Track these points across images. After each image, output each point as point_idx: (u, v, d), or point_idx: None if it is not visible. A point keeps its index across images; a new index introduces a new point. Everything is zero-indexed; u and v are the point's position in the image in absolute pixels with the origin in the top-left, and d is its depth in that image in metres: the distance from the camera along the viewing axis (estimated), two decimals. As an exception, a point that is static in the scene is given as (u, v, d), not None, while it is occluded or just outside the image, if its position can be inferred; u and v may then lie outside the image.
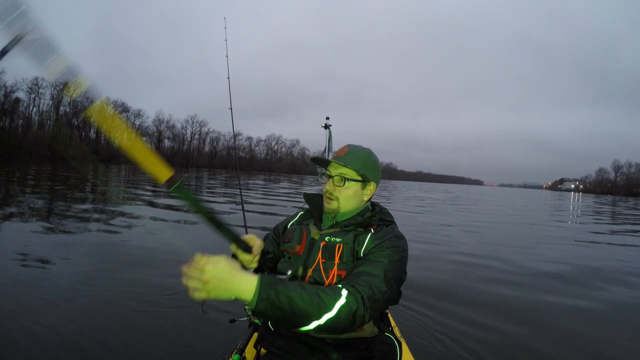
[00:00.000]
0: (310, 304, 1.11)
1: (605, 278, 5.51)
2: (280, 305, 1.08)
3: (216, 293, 1.05)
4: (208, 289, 1.04)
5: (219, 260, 1.07)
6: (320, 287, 1.18)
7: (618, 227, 14.46)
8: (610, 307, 4.18)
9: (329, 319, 1.12)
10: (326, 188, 1.50)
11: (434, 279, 4.78)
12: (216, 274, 1.04)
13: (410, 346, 1.84)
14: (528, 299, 4.31)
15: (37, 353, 2.50)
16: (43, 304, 3.20)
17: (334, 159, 1.50)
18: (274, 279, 1.13)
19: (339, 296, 1.16)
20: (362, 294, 1.18)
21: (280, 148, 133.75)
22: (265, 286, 1.08)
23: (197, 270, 1.04)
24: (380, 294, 1.24)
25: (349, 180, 1.48)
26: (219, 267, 1.05)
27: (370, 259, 1.32)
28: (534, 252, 7.42)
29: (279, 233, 1.65)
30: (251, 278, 1.09)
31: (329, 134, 3.25)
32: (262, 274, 1.14)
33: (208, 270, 1.04)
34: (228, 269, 1.07)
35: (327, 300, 1.14)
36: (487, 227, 11.39)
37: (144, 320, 3.06)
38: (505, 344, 3.05)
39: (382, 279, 1.26)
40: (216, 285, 1.04)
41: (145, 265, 4.54)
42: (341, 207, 1.49)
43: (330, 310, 1.13)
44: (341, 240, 1.42)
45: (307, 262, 1.43)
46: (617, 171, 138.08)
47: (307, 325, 1.13)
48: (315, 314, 1.12)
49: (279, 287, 1.10)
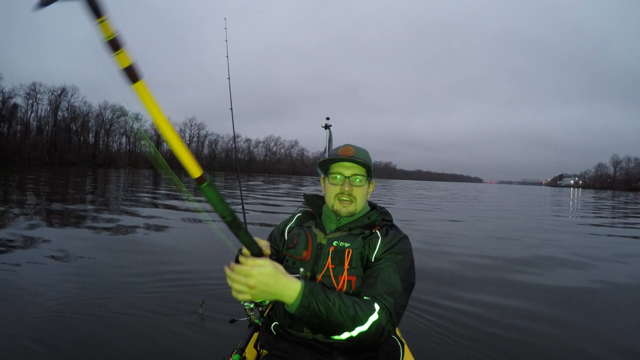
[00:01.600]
0: (347, 316, 1.14)
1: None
2: (318, 314, 1.11)
3: (260, 297, 1.07)
4: (253, 292, 1.06)
5: (264, 264, 1.07)
6: (355, 300, 1.19)
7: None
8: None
9: (361, 332, 1.15)
10: (343, 189, 1.45)
11: (433, 279, 4.80)
12: (262, 279, 1.05)
13: (412, 346, 1.84)
14: (529, 298, 4.30)
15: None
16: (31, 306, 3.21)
17: (349, 158, 1.45)
18: (316, 286, 1.14)
19: (373, 311, 1.18)
20: (390, 310, 1.21)
21: (279, 149, 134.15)
22: (307, 293, 1.10)
23: (243, 275, 1.05)
24: (402, 307, 1.27)
25: (364, 179, 1.47)
26: (265, 271, 1.06)
27: (386, 270, 1.32)
28: (537, 250, 7.43)
29: (276, 240, 1.61)
30: (295, 284, 1.11)
31: (329, 134, 3.23)
32: (305, 280, 1.15)
33: (255, 275, 1.05)
34: (274, 273, 1.07)
35: (361, 314, 1.16)
36: (491, 221, 11.40)
37: (143, 320, 3.06)
38: (506, 345, 3.04)
39: (401, 292, 1.28)
40: (262, 290, 1.06)
41: (144, 266, 4.55)
42: (358, 207, 1.48)
43: (363, 324, 1.15)
44: (350, 245, 1.40)
45: (315, 268, 1.41)
46: (616, 166, 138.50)
47: (339, 335, 1.16)
48: (349, 327, 1.14)
49: (320, 296, 1.12)
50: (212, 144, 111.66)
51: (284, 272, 1.11)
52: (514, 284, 4.77)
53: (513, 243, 8.11)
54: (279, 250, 1.58)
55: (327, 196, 1.51)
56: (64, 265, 4.57)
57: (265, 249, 1.33)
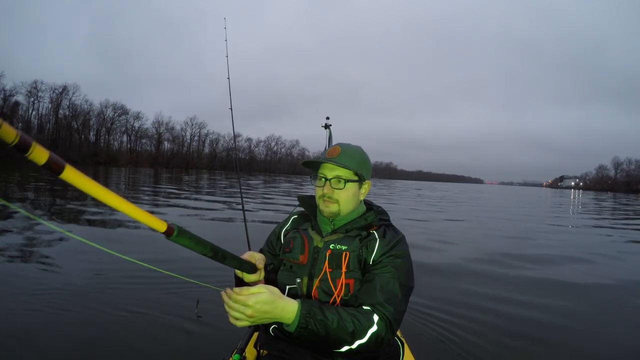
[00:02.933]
0: (345, 333, 1.15)
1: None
2: (317, 332, 1.13)
3: (259, 322, 1.11)
4: (252, 320, 1.09)
5: (259, 292, 1.08)
6: (353, 313, 1.20)
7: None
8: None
9: (360, 344, 1.17)
10: (323, 192, 1.43)
11: (433, 277, 4.79)
12: (260, 308, 1.07)
13: (411, 346, 1.84)
14: (529, 298, 4.30)
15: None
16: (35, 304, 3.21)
17: (328, 160, 1.42)
18: (313, 306, 1.16)
19: (372, 323, 1.19)
20: (389, 319, 1.22)
21: (280, 149, 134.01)
22: (305, 315, 1.12)
23: (240, 305, 1.07)
24: (401, 314, 1.28)
25: (347, 182, 1.43)
26: (261, 299, 1.07)
27: (385, 275, 1.30)
28: (539, 251, 7.42)
29: (273, 244, 1.60)
30: (292, 306, 1.13)
31: (329, 134, 3.23)
32: (302, 300, 1.16)
33: (251, 305, 1.07)
34: (270, 300, 1.09)
35: (360, 329, 1.17)
36: (490, 222, 11.40)
37: (143, 321, 3.06)
38: (506, 344, 3.05)
39: (400, 299, 1.28)
40: (260, 317, 1.08)
41: (143, 266, 4.52)
42: (342, 209, 1.44)
43: (362, 337, 1.17)
44: (347, 248, 1.38)
45: (312, 272, 1.40)
46: (617, 168, 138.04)
47: (339, 349, 1.19)
48: (348, 341, 1.16)
49: (317, 316, 1.14)
50: (213, 143, 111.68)
51: (280, 295, 1.12)
52: (517, 282, 4.76)
53: (523, 242, 8.10)
54: (277, 255, 1.57)
55: (316, 198, 1.50)
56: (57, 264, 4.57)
57: (259, 264, 1.32)
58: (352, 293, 1.34)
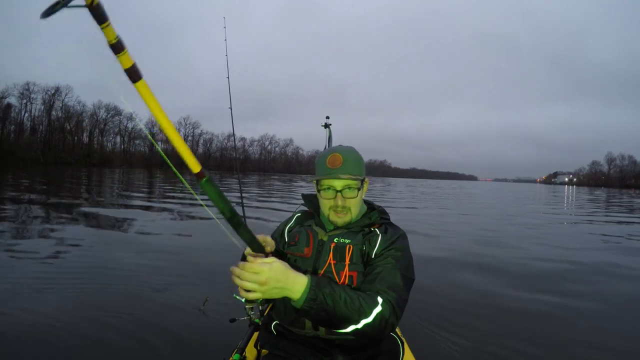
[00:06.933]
0: (352, 309, 1.16)
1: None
2: (325, 307, 1.13)
3: (270, 293, 1.08)
4: (264, 289, 1.07)
5: (272, 261, 1.10)
6: (359, 293, 1.22)
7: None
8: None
9: (366, 324, 1.17)
10: (336, 203, 1.42)
11: (434, 275, 4.81)
12: (273, 275, 1.07)
13: (412, 345, 1.85)
14: (528, 298, 4.31)
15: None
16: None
17: (336, 174, 1.41)
18: (322, 280, 1.17)
19: (377, 303, 1.20)
20: (393, 303, 1.23)
21: (274, 148, 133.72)
22: (315, 286, 1.13)
23: (252, 272, 1.06)
24: (404, 302, 1.30)
25: (357, 189, 1.44)
26: (274, 267, 1.08)
27: (386, 266, 1.33)
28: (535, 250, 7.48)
29: (276, 241, 1.58)
30: (302, 278, 1.13)
31: (329, 133, 3.23)
32: (311, 275, 1.17)
33: (265, 271, 1.06)
34: (283, 268, 1.10)
35: (366, 307, 1.18)
36: (484, 220, 11.46)
37: (143, 320, 3.05)
38: (505, 345, 3.03)
39: (402, 287, 1.30)
40: (273, 286, 1.07)
41: (147, 264, 4.53)
42: (354, 215, 1.48)
43: (368, 316, 1.18)
44: (350, 242, 1.42)
45: (316, 264, 1.42)
46: (611, 164, 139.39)
47: (345, 329, 1.18)
48: (355, 319, 1.17)
49: (326, 289, 1.14)
50: (207, 142, 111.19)
51: (290, 268, 1.13)
52: (519, 280, 4.80)
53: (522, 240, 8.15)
54: (280, 251, 1.57)
55: (322, 206, 1.50)
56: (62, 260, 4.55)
57: (268, 246, 1.31)
58: (356, 285, 1.35)
